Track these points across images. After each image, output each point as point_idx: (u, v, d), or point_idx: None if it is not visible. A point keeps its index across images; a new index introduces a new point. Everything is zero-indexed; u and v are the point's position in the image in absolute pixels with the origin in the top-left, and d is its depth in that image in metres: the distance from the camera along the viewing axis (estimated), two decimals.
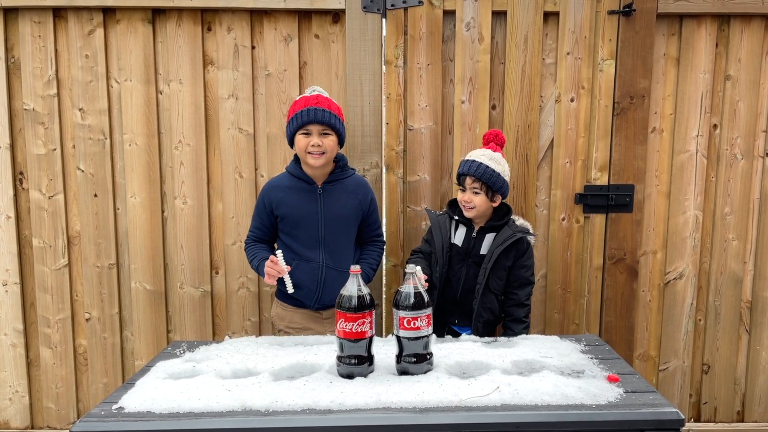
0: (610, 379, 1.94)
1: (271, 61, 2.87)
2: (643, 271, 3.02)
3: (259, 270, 2.46)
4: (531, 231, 2.59)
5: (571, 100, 2.87)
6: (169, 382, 1.92)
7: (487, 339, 2.36)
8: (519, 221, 2.60)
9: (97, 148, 2.89)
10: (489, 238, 2.54)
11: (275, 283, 2.39)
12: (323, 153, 2.38)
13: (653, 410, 1.73)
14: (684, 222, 2.99)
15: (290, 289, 2.35)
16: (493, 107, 2.90)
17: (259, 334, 2.98)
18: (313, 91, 2.45)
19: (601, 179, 2.90)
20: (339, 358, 1.95)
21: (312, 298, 2.50)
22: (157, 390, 1.85)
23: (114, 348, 3.01)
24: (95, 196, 2.91)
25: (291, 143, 2.44)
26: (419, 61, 2.84)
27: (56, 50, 2.85)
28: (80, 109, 2.86)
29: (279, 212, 2.48)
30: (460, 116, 2.88)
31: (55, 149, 2.89)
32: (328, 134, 2.39)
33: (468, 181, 2.49)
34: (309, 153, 2.38)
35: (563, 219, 2.95)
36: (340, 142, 2.46)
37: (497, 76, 2.88)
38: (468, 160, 2.51)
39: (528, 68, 2.84)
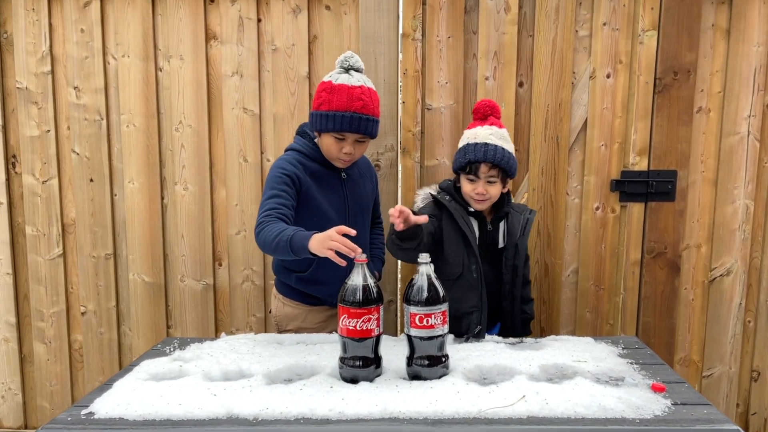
0: (655, 389, 1.70)
1: (279, 35, 2.68)
2: (685, 267, 2.78)
3: (295, 245, 1.83)
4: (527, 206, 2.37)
5: (607, 77, 2.65)
6: (150, 385, 1.72)
7: (511, 340, 2.12)
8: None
9: (92, 129, 2.74)
10: (502, 227, 2.26)
11: (344, 263, 1.73)
12: (353, 160, 2.15)
13: (709, 427, 1.47)
14: (732, 212, 2.74)
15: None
16: (521, 84, 2.68)
17: (265, 330, 2.81)
18: (353, 74, 2.06)
19: (639, 164, 2.67)
20: (341, 359, 1.73)
21: (335, 294, 2.22)
22: (134, 393, 1.65)
23: (111, 344, 2.87)
24: (91, 181, 2.77)
25: (315, 130, 2.13)
26: (439, 34, 2.64)
27: (50, 25, 2.71)
28: (75, 88, 2.72)
29: (305, 198, 2.13)
30: (483, 94, 2.67)
31: (49, 131, 2.75)
32: (363, 142, 2.13)
33: (483, 169, 2.13)
34: (339, 158, 2.12)
35: (597, 208, 2.73)
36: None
37: (525, 50, 2.67)
38: (478, 144, 2.14)
39: (559, 41, 2.62)
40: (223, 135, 2.73)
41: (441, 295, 1.72)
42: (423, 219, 1.90)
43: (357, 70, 2.08)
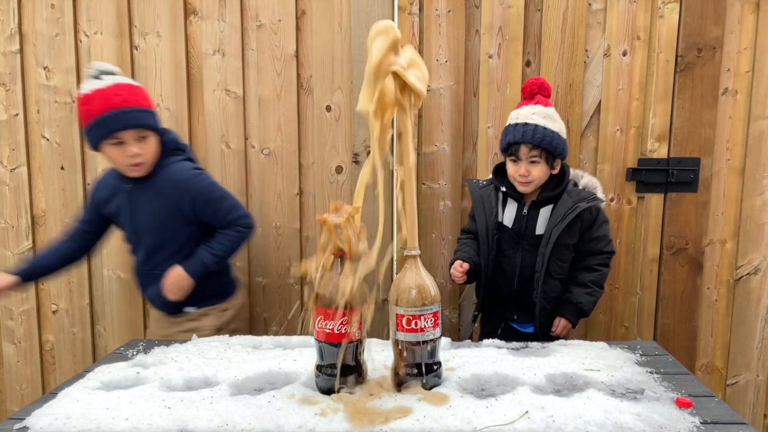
0: (680, 404, 1.47)
1: (264, 10, 2.50)
2: (708, 264, 2.57)
3: None
4: (598, 193, 2.14)
5: (624, 54, 2.45)
6: (99, 395, 1.51)
7: (515, 344, 1.90)
8: (583, 180, 2.17)
9: (64, 112, 2.58)
10: (545, 213, 2.11)
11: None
12: (145, 161, 2.01)
13: None
14: (761, 205, 2.53)
15: None
16: (527, 63, 2.50)
17: (250, 331, 2.59)
18: (103, 76, 1.98)
19: (659, 151, 2.48)
20: (318, 367, 1.52)
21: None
22: (77, 404, 1.45)
23: (84, 344, 2.71)
24: (62, 168, 2.62)
25: (96, 150, 2.02)
26: (438, 7, 2.45)
27: (19, 0, 2.53)
28: (45, 68, 2.57)
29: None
30: (486, 74, 2.48)
31: (17, 114, 2.60)
32: (146, 137, 2.00)
33: (524, 150, 2.05)
34: (129, 165, 2.00)
35: (612, 200, 2.54)
36: (161, 135, 2.07)
37: (533, 26, 2.47)
38: (518, 124, 2.07)
39: (570, 15, 2.43)
40: (204, 119, 2.56)
41: (432, 293, 1.50)
42: (466, 266, 2.08)
43: (108, 72, 1.99)
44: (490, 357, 1.75)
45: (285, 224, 2.57)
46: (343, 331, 1.45)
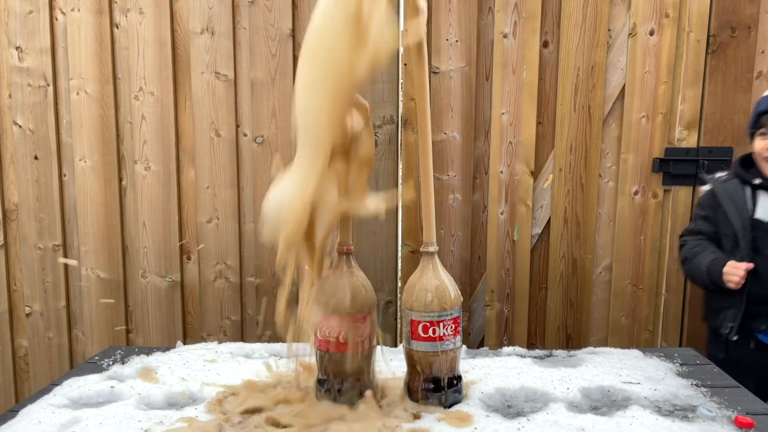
0: (741, 424, 1.29)
1: None
2: None
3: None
4: None
5: (650, 34, 2.30)
6: (64, 414, 1.31)
7: (538, 352, 1.71)
8: None
9: (37, 97, 2.41)
10: None
11: None
12: None
13: None
14: None
15: None
16: (545, 44, 2.35)
17: (242, 336, 2.49)
18: None
19: (688, 140, 2.33)
20: (318, 381, 1.31)
21: None
22: (38, 426, 1.24)
23: (61, 350, 2.52)
24: (36, 158, 2.44)
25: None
26: None
27: None
28: (17, 48, 2.41)
29: None
30: (501, 55, 2.33)
31: None
32: None
33: None
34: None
35: (636, 193, 2.38)
36: None
37: (551, 3, 2.33)
38: None
39: None
40: (192, 104, 2.41)
41: (452, 296, 1.31)
42: (751, 265, 1.87)
43: None
44: (515, 368, 1.55)
45: None
46: (347, 340, 1.26)
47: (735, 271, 1.88)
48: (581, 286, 2.41)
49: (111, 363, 1.66)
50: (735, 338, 1.95)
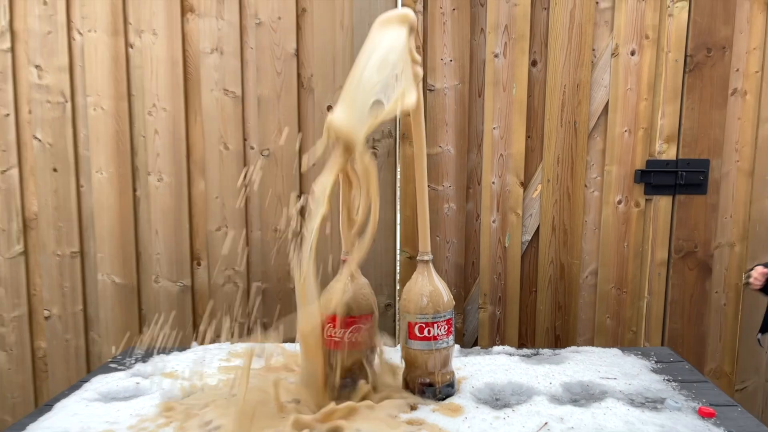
0: (704, 414, 1.43)
1: (263, 8, 2.42)
2: (717, 268, 2.51)
3: None
4: None
5: (632, 54, 2.39)
6: (97, 407, 1.45)
7: (526, 351, 1.85)
8: None
9: (56, 113, 2.49)
10: None
11: None
12: None
13: None
14: None
15: None
16: (534, 63, 2.44)
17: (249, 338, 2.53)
18: None
19: (667, 153, 2.42)
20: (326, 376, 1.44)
21: None
22: (75, 417, 1.39)
23: (78, 352, 2.60)
24: (55, 170, 2.52)
25: None
26: (443, 6, 2.39)
27: None
28: (37, 67, 2.47)
29: None
30: (492, 73, 2.41)
31: (8, 114, 2.49)
32: None
33: None
34: None
35: (619, 202, 2.47)
36: None
37: (539, 25, 2.41)
38: None
39: (578, 14, 2.37)
40: (202, 119, 2.48)
41: (445, 299, 1.45)
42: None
43: None
44: (503, 365, 1.69)
45: (285, 227, 2.51)
46: (353, 340, 1.40)
47: (757, 275, 1.91)
48: (569, 289, 2.51)
49: (133, 362, 1.80)
50: None
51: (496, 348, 1.87)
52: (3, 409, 2.64)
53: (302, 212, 1.51)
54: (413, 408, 1.41)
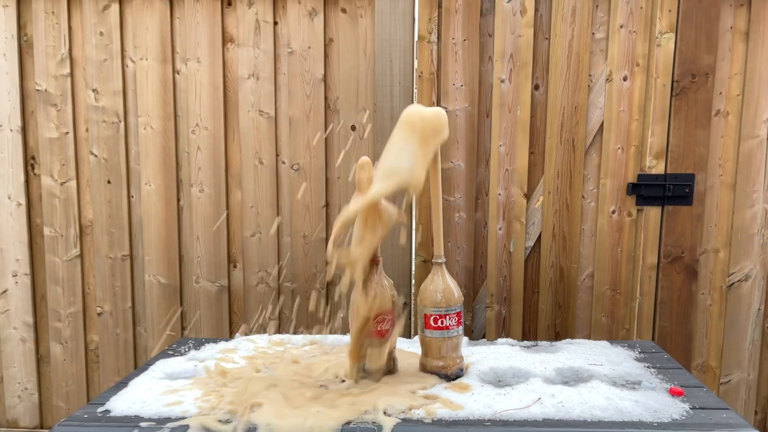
0: (673, 392, 1.68)
1: (295, 38, 2.68)
2: (703, 272, 2.73)
3: None
4: None
5: (624, 79, 2.62)
6: (165, 382, 1.73)
7: (526, 343, 2.12)
8: None
9: (110, 131, 2.75)
10: None
11: None
12: None
13: (728, 431, 1.44)
14: (751, 217, 2.69)
15: None
16: (536, 87, 2.66)
17: (278, 332, 2.80)
18: None
19: (657, 168, 2.63)
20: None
21: None
22: (150, 391, 1.66)
23: (126, 344, 2.87)
24: (108, 182, 2.78)
25: None
26: (455, 37, 2.62)
27: (70, 27, 2.73)
28: (94, 90, 2.74)
29: None
30: (499, 97, 2.65)
31: (67, 132, 2.76)
32: None
33: None
34: None
35: (613, 212, 2.69)
36: None
37: (541, 53, 2.65)
38: None
39: (576, 43, 2.59)
40: (239, 137, 2.74)
41: (456, 296, 1.72)
42: None
43: None
44: (505, 353, 1.96)
45: (312, 233, 2.76)
46: (379, 329, 1.67)
47: None
48: (568, 290, 2.72)
49: (187, 350, 2.08)
50: None
51: (500, 340, 2.14)
52: (58, 396, 2.92)
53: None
54: (429, 386, 1.68)
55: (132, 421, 1.50)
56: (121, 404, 1.59)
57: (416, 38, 2.63)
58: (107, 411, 1.57)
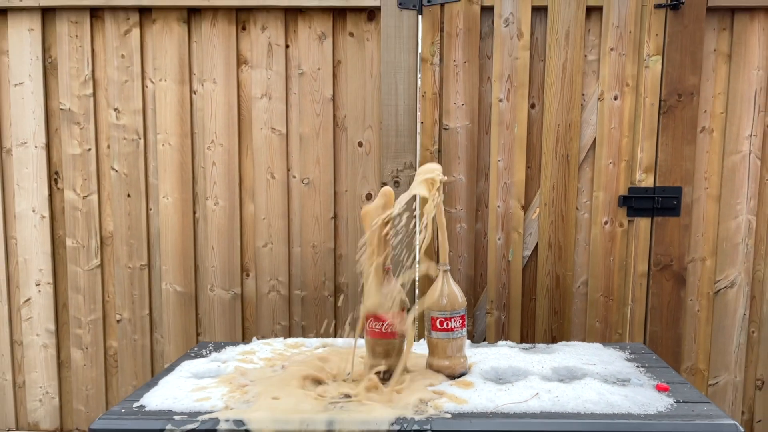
0: (659, 388, 1.83)
1: (305, 60, 2.83)
2: (691, 279, 2.87)
3: None
4: None
5: (615, 98, 2.77)
6: (193, 381, 1.87)
7: (525, 345, 2.26)
8: None
9: (131, 148, 2.89)
10: None
11: None
12: None
13: (709, 422, 1.60)
14: (736, 227, 2.84)
15: None
16: (533, 106, 2.81)
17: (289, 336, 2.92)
18: None
19: (646, 181, 2.78)
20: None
21: None
22: (180, 389, 1.80)
23: (144, 350, 2.99)
24: (128, 196, 2.91)
25: None
26: (456, 59, 2.78)
27: (93, 50, 2.87)
28: (115, 109, 2.88)
29: None
30: (497, 115, 2.80)
31: (90, 149, 2.90)
32: None
33: None
34: None
35: (606, 223, 2.83)
36: None
37: (537, 74, 2.80)
38: None
39: (569, 65, 2.75)
40: (252, 153, 2.88)
41: (460, 300, 1.87)
42: None
43: None
44: (505, 354, 2.10)
45: (321, 244, 2.91)
46: (390, 331, 1.82)
47: None
48: (563, 297, 2.85)
49: (208, 352, 2.22)
50: None
51: (500, 342, 2.29)
52: (78, 399, 3.05)
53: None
54: (437, 383, 1.82)
55: (166, 414, 1.65)
56: (154, 400, 1.73)
57: (420, 60, 2.79)
58: (142, 406, 1.71)
